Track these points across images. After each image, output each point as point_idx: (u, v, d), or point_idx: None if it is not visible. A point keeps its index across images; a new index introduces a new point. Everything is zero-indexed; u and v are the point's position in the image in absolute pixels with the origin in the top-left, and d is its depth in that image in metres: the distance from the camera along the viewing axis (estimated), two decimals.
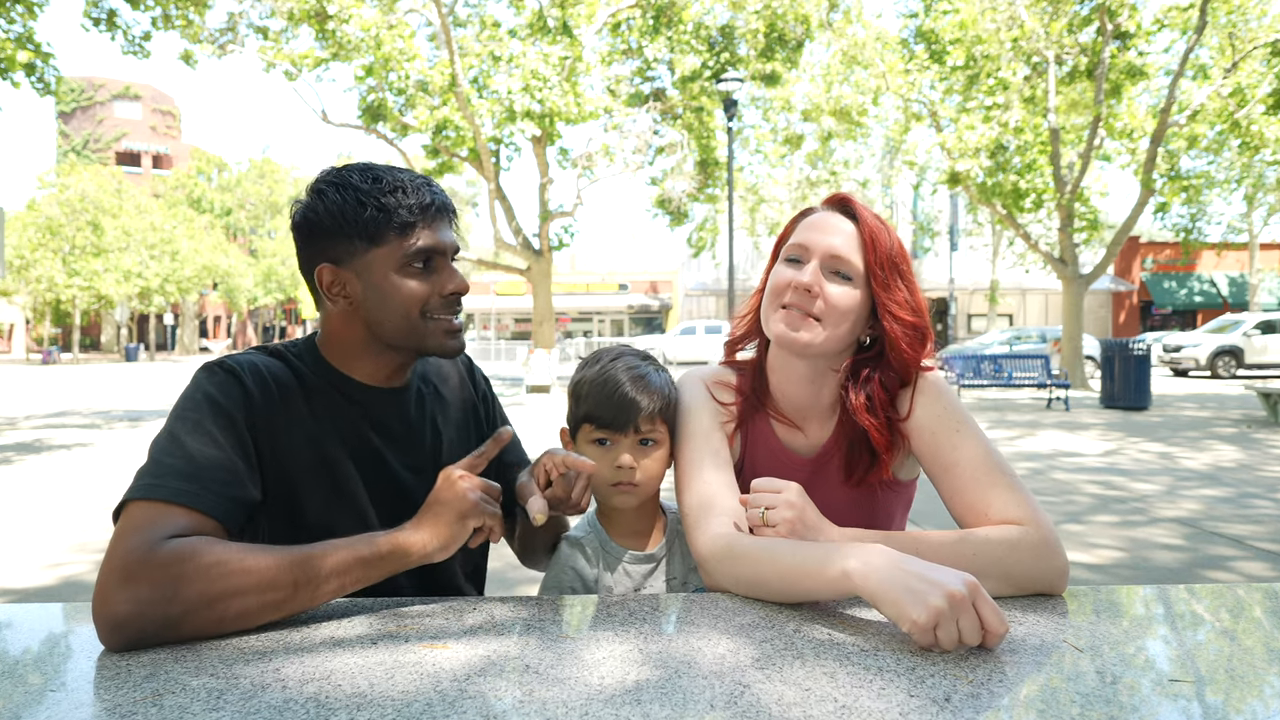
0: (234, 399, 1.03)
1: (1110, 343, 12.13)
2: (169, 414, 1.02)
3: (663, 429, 1.23)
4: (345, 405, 1.13)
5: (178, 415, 1.01)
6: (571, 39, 15.12)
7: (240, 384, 1.04)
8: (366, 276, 1.09)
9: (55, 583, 3.66)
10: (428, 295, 1.10)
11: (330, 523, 1.07)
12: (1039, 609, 0.94)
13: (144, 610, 0.82)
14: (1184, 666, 0.79)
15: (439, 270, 1.12)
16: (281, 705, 0.68)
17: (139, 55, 12.06)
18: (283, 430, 1.06)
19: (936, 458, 1.13)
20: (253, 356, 1.10)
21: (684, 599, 1.01)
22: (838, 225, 1.15)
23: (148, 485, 0.91)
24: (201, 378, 1.05)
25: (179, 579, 0.83)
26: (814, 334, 1.13)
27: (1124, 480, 6.14)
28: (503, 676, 0.74)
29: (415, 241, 1.08)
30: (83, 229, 33.20)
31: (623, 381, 1.21)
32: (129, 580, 0.83)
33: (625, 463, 1.20)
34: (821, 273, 1.13)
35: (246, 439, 1.02)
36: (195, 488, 0.92)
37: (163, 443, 0.97)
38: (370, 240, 1.07)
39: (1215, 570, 3.85)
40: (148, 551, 0.84)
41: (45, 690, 0.72)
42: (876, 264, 1.13)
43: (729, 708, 0.67)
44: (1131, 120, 16.46)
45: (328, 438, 1.10)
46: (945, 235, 31.24)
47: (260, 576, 0.86)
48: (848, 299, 1.13)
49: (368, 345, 1.14)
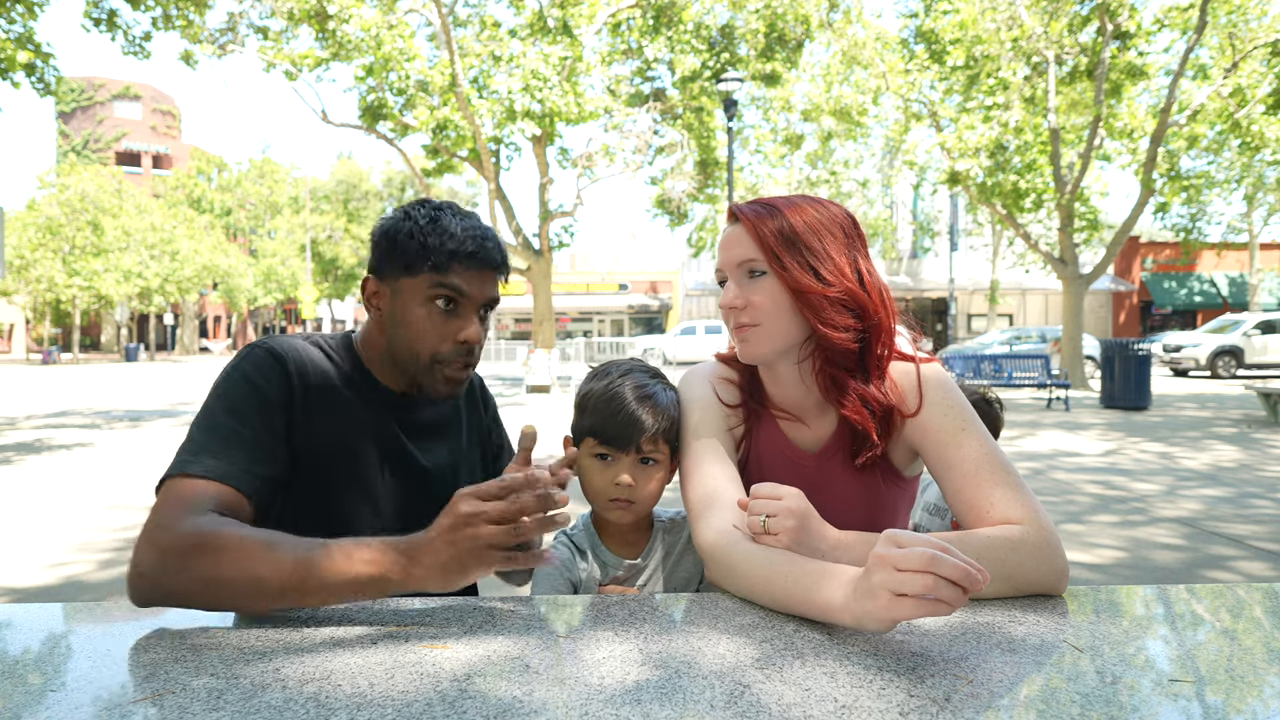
0: (272, 380, 1.09)
1: (1110, 343, 12.13)
2: (209, 390, 1.09)
3: (665, 449, 1.23)
4: (374, 401, 1.20)
5: (217, 393, 1.08)
6: (572, 39, 15.11)
7: (281, 366, 1.11)
8: (397, 300, 1.17)
9: (56, 582, 3.66)
10: (440, 339, 1.15)
11: (346, 510, 1.13)
12: (1039, 609, 0.94)
13: (158, 578, 0.91)
14: (1184, 666, 0.79)
15: (461, 316, 1.16)
16: (281, 705, 0.68)
17: (139, 56, 12.04)
18: (315, 415, 1.12)
19: (939, 454, 1.12)
20: (295, 342, 1.17)
21: (684, 599, 1.01)
22: (735, 234, 1.17)
23: (183, 462, 1.00)
24: (243, 356, 1.12)
25: (189, 557, 0.90)
26: (756, 342, 1.16)
27: (1124, 480, 6.14)
28: (503, 676, 0.74)
29: (445, 280, 1.14)
30: (83, 229, 33.19)
31: (629, 400, 1.21)
32: (157, 548, 0.92)
33: (625, 481, 1.21)
34: (738, 284, 1.16)
35: (279, 419, 1.08)
36: (224, 464, 1.00)
37: (200, 419, 1.06)
38: (408, 269, 1.15)
39: (1215, 570, 3.85)
40: (171, 527, 0.93)
41: (45, 690, 0.72)
42: (767, 251, 1.13)
43: (729, 708, 0.67)
44: (1131, 120, 16.47)
45: (356, 429, 1.16)
46: (945, 235, 31.26)
47: (255, 576, 0.89)
48: (764, 293, 1.14)
49: (387, 357, 1.21)
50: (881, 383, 1.17)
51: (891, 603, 0.78)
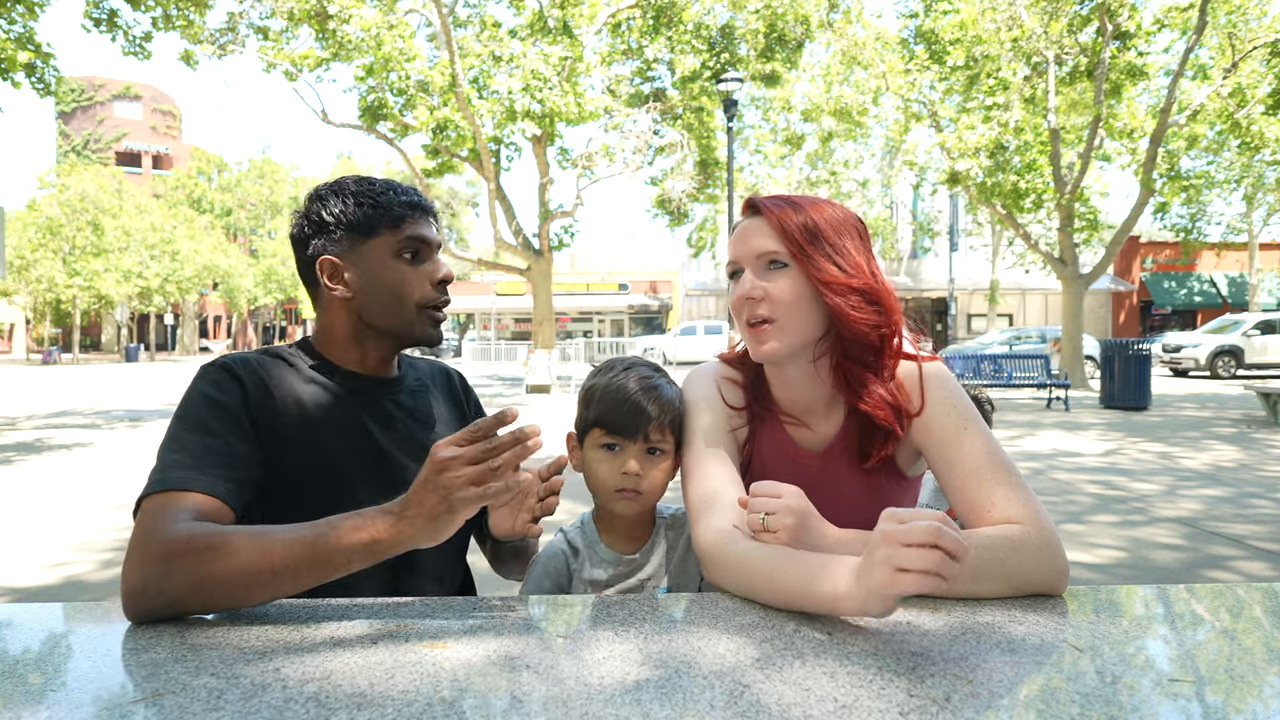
0: (229, 392, 1.11)
1: (1110, 343, 12.12)
2: (171, 417, 1.10)
3: (670, 440, 1.25)
4: (341, 394, 1.21)
5: (178, 416, 1.10)
6: (572, 39, 15.11)
7: (234, 377, 1.13)
8: (364, 266, 1.21)
9: (57, 582, 3.66)
10: (419, 286, 1.22)
11: (322, 506, 1.10)
12: (1039, 609, 0.94)
13: (147, 588, 0.90)
14: (1184, 666, 0.79)
15: (426, 260, 1.24)
16: (282, 705, 0.68)
17: (139, 56, 12.02)
18: (279, 418, 1.13)
19: (941, 453, 1.12)
20: (247, 354, 1.19)
21: (684, 599, 1.01)
22: (754, 226, 1.17)
23: (155, 481, 1.00)
24: (197, 378, 1.14)
25: (172, 562, 0.90)
26: (775, 337, 1.14)
27: (1124, 480, 6.14)
28: (502, 676, 0.74)
29: (405, 232, 1.21)
30: (83, 229, 33.19)
31: (635, 390, 1.23)
32: (139, 563, 0.91)
33: (632, 469, 1.22)
34: (756, 276, 1.15)
35: (245, 427, 1.09)
36: (195, 474, 1.01)
37: (166, 442, 1.06)
38: (366, 233, 1.20)
39: (1215, 570, 3.85)
40: (154, 539, 0.92)
41: (46, 690, 0.72)
42: (792, 243, 1.13)
43: (729, 708, 0.67)
44: (1131, 120, 16.46)
45: (325, 425, 1.17)
46: (945, 235, 31.22)
47: (248, 566, 0.90)
48: (786, 286, 1.13)
49: (357, 334, 1.24)
50: (890, 382, 1.17)
51: (894, 578, 0.78)
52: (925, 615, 0.91)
